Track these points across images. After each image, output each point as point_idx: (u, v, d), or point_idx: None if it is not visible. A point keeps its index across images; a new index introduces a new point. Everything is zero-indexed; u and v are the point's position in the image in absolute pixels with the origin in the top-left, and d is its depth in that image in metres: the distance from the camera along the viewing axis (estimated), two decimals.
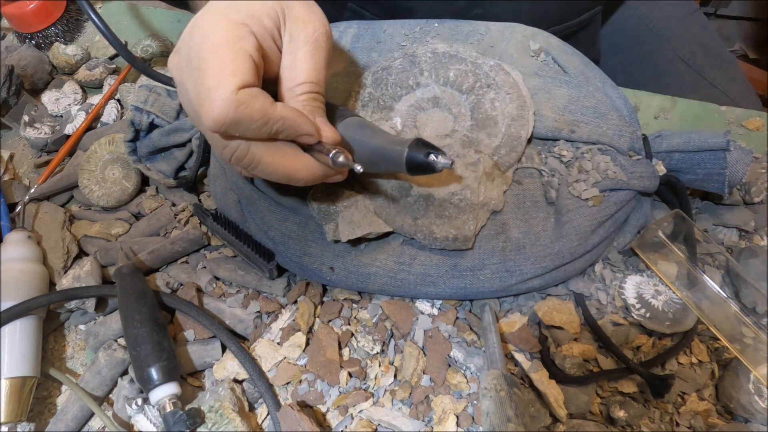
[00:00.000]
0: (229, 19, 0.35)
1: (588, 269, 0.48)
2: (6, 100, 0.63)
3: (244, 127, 0.34)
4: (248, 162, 0.36)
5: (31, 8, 0.69)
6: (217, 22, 0.35)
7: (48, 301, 0.45)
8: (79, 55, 0.69)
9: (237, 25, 0.35)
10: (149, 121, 0.52)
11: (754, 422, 0.41)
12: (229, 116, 0.33)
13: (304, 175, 0.38)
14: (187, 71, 0.35)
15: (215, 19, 0.35)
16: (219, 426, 0.40)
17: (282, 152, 0.37)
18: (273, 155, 0.36)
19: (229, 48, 0.34)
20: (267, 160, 0.36)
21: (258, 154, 0.36)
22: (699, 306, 0.44)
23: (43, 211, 0.55)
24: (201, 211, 0.50)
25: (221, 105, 0.32)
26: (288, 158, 0.37)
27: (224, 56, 0.33)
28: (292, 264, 0.47)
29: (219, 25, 0.34)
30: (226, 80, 0.33)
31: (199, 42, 0.34)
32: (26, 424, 0.43)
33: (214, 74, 0.33)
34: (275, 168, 0.37)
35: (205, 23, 0.35)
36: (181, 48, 0.36)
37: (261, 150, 0.36)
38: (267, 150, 0.36)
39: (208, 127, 0.34)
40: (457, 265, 0.44)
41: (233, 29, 0.34)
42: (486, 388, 0.39)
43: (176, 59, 0.36)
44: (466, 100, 0.46)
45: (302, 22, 0.37)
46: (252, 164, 0.37)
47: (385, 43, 0.52)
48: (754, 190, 0.50)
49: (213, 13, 0.35)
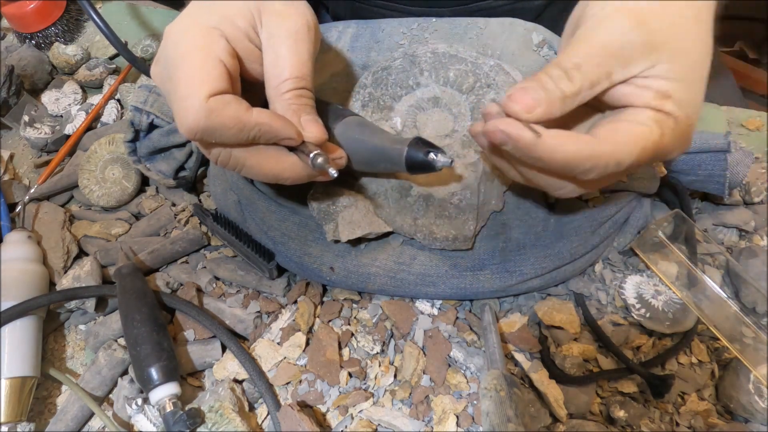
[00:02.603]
0: (199, 24, 0.34)
1: (588, 269, 0.48)
2: (6, 100, 0.63)
3: (219, 135, 0.33)
4: (233, 166, 0.36)
5: (31, 8, 0.69)
6: (187, 28, 0.34)
7: (48, 301, 0.45)
8: (79, 55, 0.69)
9: (207, 29, 0.34)
10: (149, 121, 0.52)
11: (754, 422, 0.41)
12: (200, 125, 0.32)
13: (290, 175, 0.37)
14: (166, 80, 0.34)
15: (185, 26, 0.34)
16: (219, 426, 0.40)
17: (265, 155, 0.36)
18: (256, 158, 0.36)
19: (198, 55, 0.33)
20: (250, 163, 0.36)
21: (241, 158, 0.36)
22: (699, 306, 0.44)
23: (43, 211, 0.55)
24: (201, 211, 0.50)
25: (192, 114, 0.32)
26: (272, 160, 0.36)
27: (193, 64, 0.33)
28: (292, 264, 0.47)
29: (189, 31, 0.34)
30: (196, 89, 0.32)
31: (171, 50, 0.34)
32: (26, 424, 0.43)
33: (184, 83, 0.32)
34: (259, 170, 0.36)
35: (175, 30, 0.34)
36: (159, 57, 0.36)
37: (243, 154, 0.35)
38: (249, 154, 0.35)
39: (184, 135, 0.34)
40: (457, 265, 0.44)
41: (203, 34, 0.34)
42: (486, 388, 0.39)
43: (157, 69, 0.36)
44: (466, 100, 0.46)
45: (280, 17, 0.36)
46: (237, 167, 0.36)
47: (384, 42, 0.52)
48: (754, 190, 0.50)
49: (184, 19, 0.35)
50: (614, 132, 0.31)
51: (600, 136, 0.31)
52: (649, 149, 0.31)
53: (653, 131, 0.31)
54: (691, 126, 0.32)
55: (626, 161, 0.31)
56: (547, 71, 0.32)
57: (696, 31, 0.32)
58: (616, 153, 0.31)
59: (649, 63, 0.31)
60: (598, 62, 0.31)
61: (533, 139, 0.30)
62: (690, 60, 0.32)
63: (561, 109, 0.32)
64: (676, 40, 0.31)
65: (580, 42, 0.32)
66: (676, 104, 0.31)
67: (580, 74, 0.31)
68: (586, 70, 0.31)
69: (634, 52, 0.31)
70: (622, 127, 0.31)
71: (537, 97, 0.31)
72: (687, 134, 0.33)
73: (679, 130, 0.32)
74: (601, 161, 0.31)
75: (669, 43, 0.31)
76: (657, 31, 0.31)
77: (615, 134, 0.31)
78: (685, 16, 0.32)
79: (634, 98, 0.32)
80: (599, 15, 0.32)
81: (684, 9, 0.32)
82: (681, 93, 0.31)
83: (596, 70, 0.31)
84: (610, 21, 0.31)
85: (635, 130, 0.31)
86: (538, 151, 0.31)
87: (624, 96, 0.32)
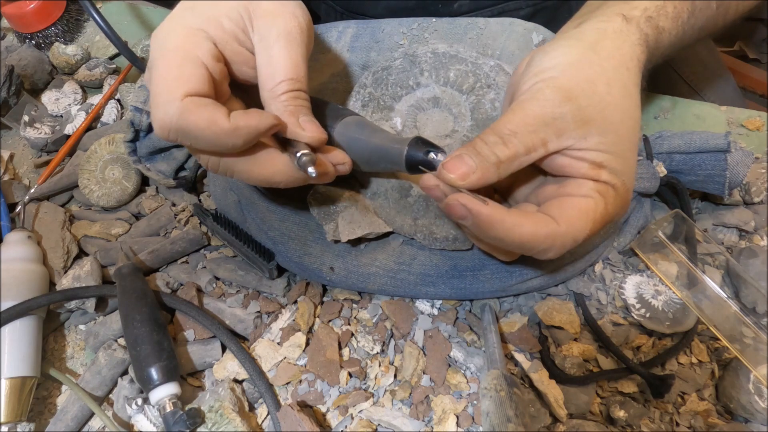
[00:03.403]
0: (184, 25, 0.34)
1: (588, 269, 0.48)
2: (6, 100, 0.63)
3: (194, 137, 0.32)
4: (223, 171, 0.35)
5: (31, 8, 0.69)
6: (172, 29, 0.34)
7: (48, 301, 0.45)
8: (79, 55, 0.69)
9: (192, 31, 0.34)
10: (149, 121, 0.52)
11: (754, 422, 0.41)
12: (172, 123, 0.32)
13: (282, 179, 0.36)
14: (149, 82, 0.34)
15: (170, 27, 0.34)
16: (219, 426, 0.40)
17: (254, 160, 0.35)
18: (245, 163, 0.35)
19: (177, 54, 0.33)
20: (240, 168, 0.35)
21: (230, 163, 0.35)
22: (699, 306, 0.44)
23: (43, 211, 0.55)
24: (201, 211, 0.50)
25: (164, 111, 0.32)
26: (262, 165, 0.35)
27: (171, 62, 0.33)
28: (292, 264, 0.47)
29: (173, 32, 0.34)
30: (171, 86, 0.32)
31: (154, 50, 0.34)
32: (26, 424, 0.43)
33: (161, 81, 0.32)
34: (250, 175, 0.36)
35: (161, 32, 0.34)
36: (149, 61, 0.35)
37: (232, 159, 0.35)
38: (238, 159, 0.35)
39: (155, 133, 0.33)
40: (457, 265, 0.44)
41: (185, 35, 0.34)
42: (486, 388, 0.39)
43: (146, 73, 0.36)
44: (467, 100, 0.46)
45: (271, 17, 0.35)
46: (227, 172, 0.36)
47: (384, 43, 0.52)
48: (754, 190, 0.50)
49: (170, 21, 0.35)
50: (565, 209, 0.33)
51: (553, 215, 0.33)
52: (598, 221, 0.33)
53: (598, 203, 0.33)
54: (628, 192, 0.34)
55: (581, 237, 0.33)
56: (483, 137, 0.33)
57: (624, 104, 0.34)
58: (571, 231, 0.32)
59: (581, 135, 0.33)
60: (533, 129, 0.33)
61: (490, 215, 0.31)
62: (620, 132, 0.34)
63: (497, 174, 0.33)
64: (604, 114, 0.33)
65: (516, 111, 0.33)
66: (611, 173, 0.33)
67: (516, 139, 0.32)
68: (522, 137, 0.32)
69: (566, 125, 0.33)
70: (570, 203, 0.33)
71: (471, 164, 0.32)
72: (626, 200, 0.35)
73: (619, 197, 0.34)
74: (558, 241, 0.32)
75: (598, 118, 0.33)
76: (586, 107, 0.33)
77: (567, 211, 0.33)
78: (611, 93, 0.34)
79: (570, 169, 0.34)
80: (533, 89, 0.34)
81: (611, 86, 0.34)
82: (614, 163, 0.33)
83: (531, 136, 0.32)
84: (542, 94, 0.33)
85: (583, 205, 0.33)
86: (496, 231, 0.32)
87: (561, 167, 0.34)
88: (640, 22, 0.37)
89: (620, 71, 0.35)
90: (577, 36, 0.36)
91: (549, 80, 0.34)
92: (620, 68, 0.35)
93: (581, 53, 0.35)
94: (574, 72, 0.34)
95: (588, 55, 0.35)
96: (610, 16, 0.37)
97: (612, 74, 0.34)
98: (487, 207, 0.32)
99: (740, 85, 1.27)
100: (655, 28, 0.38)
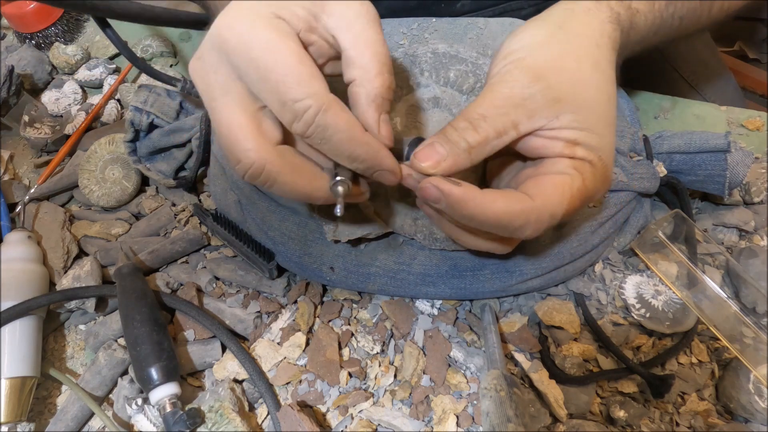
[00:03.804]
0: (260, 15, 0.31)
1: (588, 269, 0.48)
2: (6, 100, 0.63)
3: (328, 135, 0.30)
4: (263, 181, 0.32)
5: (31, 8, 0.69)
6: (252, 21, 0.30)
7: (48, 301, 0.45)
8: (79, 55, 0.69)
9: (275, 22, 0.31)
10: (149, 121, 0.52)
11: (754, 422, 0.41)
12: (309, 120, 0.30)
13: (322, 195, 0.34)
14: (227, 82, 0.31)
15: (247, 18, 0.30)
16: (219, 426, 0.40)
17: (300, 171, 0.33)
18: (291, 174, 0.32)
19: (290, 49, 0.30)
20: (283, 179, 0.32)
21: (274, 173, 0.32)
22: (699, 306, 0.44)
23: (43, 211, 0.55)
24: (201, 211, 0.50)
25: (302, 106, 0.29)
26: (307, 178, 0.33)
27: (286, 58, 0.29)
28: (292, 264, 0.47)
29: (255, 24, 0.30)
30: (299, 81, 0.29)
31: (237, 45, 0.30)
32: (26, 424, 0.43)
33: (281, 77, 0.29)
34: (292, 188, 0.33)
35: (236, 25, 0.30)
36: (204, 53, 0.32)
37: (277, 168, 0.32)
38: (284, 168, 0.32)
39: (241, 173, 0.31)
40: (457, 265, 0.44)
41: (273, 27, 0.30)
42: (486, 388, 0.39)
43: (198, 65, 0.33)
44: (467, 100, 0.46)
45: (348, 0, 0.32)
46: (267, 183, 0.32)
47: None
48: (754, 190, 0.50)
49: (241, 11, 0.31)
50: (540, 185, 0.32)
51: (528, 192, 0.32)
52: (576, 196, 0.32)
53: (575, 178, 0.32)
54: (608, 167, 0.34)
55: (558, 212, 0.32)
56: (453, 124, 0.33)
57: (596, 79, 0.34)
58: (547, 205, 0.32)
59: (553, 114, 0.32)
60: (503, 112, 0.32)
61: (462, 194, 0.31)
62: (593, 107, 0.33)
63: (469, 160, 0.32)
64: (575, 91, 0.33)
65: (486, 95, 0.33)
66: (587, 149, 0.33)
67: (486, 123, 0.32)
68: (492, 120, 0.32)
69: (537, 105, 0.32)
70: (545, 180, 0.33)
71: (442, 152, 0.32)
72: (606, 175, 0.34)
73: (597, 173, 0.33)
74: (533, 215, 0.32)
75: (569, 95, 0.33)
76: (556, 85, 0.32)
77: (541, 188, 0.32)
78: (581, 69, 0.33)
79: (545, 150, 0.33)
80: (501, 72, 0.34)
81: (581, 62, 0.33)
82: (589, 139, 0.33)
83: (502, 119, 0.32)
84: (510, 76, 0.33)
85: (558, 180, 0.32)
86: (469, 208, 0.31)
87: (536, 149, 0.34)
88: (611, 1, 0.37)
89: (590, 48, 0.34)
90: (544, 17, 0.36)
91: (517, 61, 0.33)
92: (590, 45, 0.34)
93: (549, 32, 0.34)
94: (542, 51, 0.34)
95: (556, 34, 0.34)
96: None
97: (581, 51, 0.34)
98: (460, 188, 0.31)
99: (740, 85, 1.27)
100: (628, 8, 0.37)
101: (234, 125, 0.31)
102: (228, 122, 0.32)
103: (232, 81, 0.32)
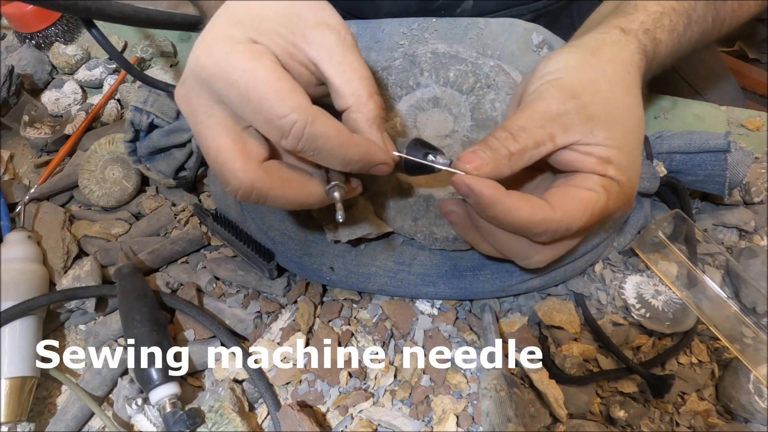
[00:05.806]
0: (238, 40, 0.31)
1: (588, 269, 0.48)
2: (6, 100, 0.63)
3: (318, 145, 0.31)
4: (255, 200, 0.33)
5: (31, 8, 0.69)
6: (230, 47, 0.31)
7: (48, 301, 0.45)
8: (79, 55, 0.69)
9: (252, 47, 0.31)
10: (149, 121, 0.52)
11: (754, 422, 0.41)
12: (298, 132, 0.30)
13: (316, 200, 0.35)
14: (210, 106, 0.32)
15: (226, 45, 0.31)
16: (219, 426, 0.40)
17: (290, 183, 0.34)
18: (281, 188, 0.33)
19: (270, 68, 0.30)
20: (275, 194, 0.33)
21: (264, 190, 0.33)
22: (699, 306, 0.44)
23: (43, 211, 0.55)
24: (201, 211, 0.50)
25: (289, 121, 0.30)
26: (297, 188, 0.34)
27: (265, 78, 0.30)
28: (292, 264, 0.47)
29: (234, 50, 0.31)
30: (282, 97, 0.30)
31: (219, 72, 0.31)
32: (26, 424, 0.43)
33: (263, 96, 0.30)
34: (285, 200, 0.34)
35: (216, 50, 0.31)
36: (186, 80, 0.33)
37: (267, 185, 0.33)
38: (273, 184, 0.33)
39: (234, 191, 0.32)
40: (457, 265, 0.44)
41: (252, 52, 0.31)
42: (486, 388, 0.39)
43: (182, 91, 0.33)
44: (467, 100, 0.46)
45: (329, 29, 0.33)
46: (260, 200, 0.33)
47: (384, 42, 0.52)
48: (754, 190, 0.50)
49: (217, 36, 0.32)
50: (565, 198, 0.34)
51: (552, 202, 0.34)
52: (596, 214, 0.34)
53: (600, 197, 0.33)
54: (633, 189, 0.35)
55: (575, 227, 0.34)
56: (494, 134, 0.34)
57: (628, 102, 0.36)
58: (565, 220, 0.33)
59: (587, 130, 0.34)
60: (541, 125, 0.34)
61: (491, 197, 0.33)
62: (625, 128, 0.35)
63: (509, 167, 0.34)
64: (608, 111, 0.34)
65: (524, 110, 0.35)
66: (618, 169, 0.34)
67: (525, 134, 0.34)
68: (531, 132, 0.34)
69: (572, 120, 0.34)
70: (572, 193, 0.34)
71: (484, 157, 0.33)
72: (630, 197, 0.35)
73: (623, 193, 0.34)
74: (552, 226, 0.33)
75: (602, 114, 0.34)
76: (590, 104, 0.34)
77: (565, 201, 0.34)
78: (614, 92, 0.35)
79: (578, 164, 0.34)
80: (539, 90, 0.36)
81: (614, 86, 0.36)
82: (621, 158, 0.34)
83: (539, 131, 0.34)
84: (547, 93, 0.35)
85: (584, 196, 0.34)
86: (495, 210, 0.33)
87: (570, 162, 0.35)
88: (638, 34, 0.39)
89: (620, 74, 0.36)
90: (577, 44, 0.38)
91: (554, 81, 0.35)
92: (621, 71, 0.36)
93: (583, 57, 0.37)
94: (577, 73, 0.36)
95: (589, 59, 0.36)
96: (609, 29, 0.39)
97: (614, 76, 0.36)
98: (490, 188, 0.33)
99: (740, 85, 1.27)
100: (653, 40, 0.40)
101: (221, 149, 0.32)
102: (215, 146, 0.32)
103: (214, 104, 0.33)
